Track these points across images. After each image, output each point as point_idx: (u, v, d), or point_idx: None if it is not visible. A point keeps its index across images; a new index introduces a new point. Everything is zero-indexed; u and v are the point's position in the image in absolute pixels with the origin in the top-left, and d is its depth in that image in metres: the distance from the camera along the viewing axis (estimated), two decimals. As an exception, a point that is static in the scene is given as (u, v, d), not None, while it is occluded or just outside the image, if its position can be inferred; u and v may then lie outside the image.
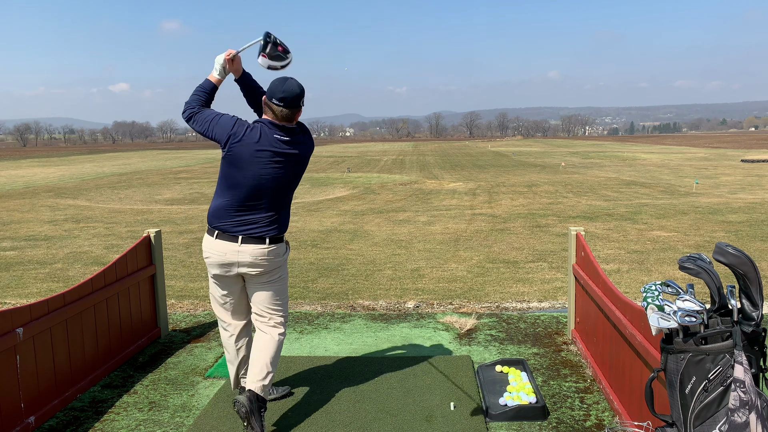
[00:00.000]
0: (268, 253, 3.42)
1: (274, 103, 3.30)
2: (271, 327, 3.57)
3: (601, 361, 3.96)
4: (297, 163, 3.44)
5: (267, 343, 3.53)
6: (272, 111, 3.33)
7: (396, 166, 35.07)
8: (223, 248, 3.38)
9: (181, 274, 7.96)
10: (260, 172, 3.31)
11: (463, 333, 5.08)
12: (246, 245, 3.36)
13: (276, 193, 3.41)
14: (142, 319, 4.85)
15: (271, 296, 3.55)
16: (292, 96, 3.29)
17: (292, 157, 3.40)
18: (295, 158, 3.42)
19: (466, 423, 3.47)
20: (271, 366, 3.49)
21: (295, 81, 3.35)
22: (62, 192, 21.22)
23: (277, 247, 3.47)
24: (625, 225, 11.58)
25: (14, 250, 10.04)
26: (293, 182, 3.49)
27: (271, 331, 3.56)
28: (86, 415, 3.71)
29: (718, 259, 2.23)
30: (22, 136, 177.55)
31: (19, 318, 3.38)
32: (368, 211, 14.67)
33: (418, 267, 8.17)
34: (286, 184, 3.44)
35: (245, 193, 3.34)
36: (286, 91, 3.29)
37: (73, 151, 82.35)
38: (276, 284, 3.56)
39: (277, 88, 3.30)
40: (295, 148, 3.40)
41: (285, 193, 3.47)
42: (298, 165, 3.46)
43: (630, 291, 6.65)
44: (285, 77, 3.39)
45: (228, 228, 3.37)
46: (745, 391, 2.08)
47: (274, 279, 3.54)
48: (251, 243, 3.36)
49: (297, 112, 3.37)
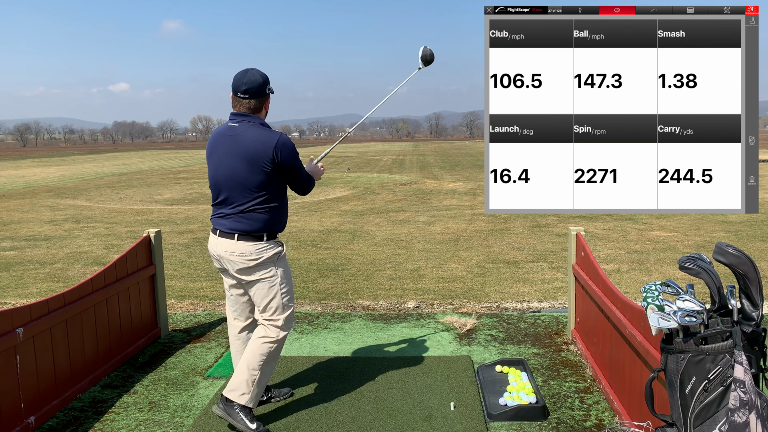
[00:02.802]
0: (238, 250, 3.37)
1: (239, 97, 3.36)
2: (259, 332, 3.50)
3: (601, 361, 3.96)
4: (246, 159, 3.29)
5: (251, 347, 3.46)
6: (240, 104, 3.39)
7: (396, 166, 35.07)
8: (210, 241, 3.52)
9: (181, 274, 7.96)
10: (216, 163, 3.40)
11: (463, 333, 5.08)
12: (221, 239, 3.42)
13: (234, 186, 3.33)
14: (142, 319, 4.85)
15: (258, 297, 3.47)
16: (256, 86, 3.36)
17: (239, 149, 3.30)
18: (242, 150, 3.29)
19: (466, 423, 3.47)
20: (249, 373, 3.39)
21: (256, 70, 3.41)
22: (62, 192, 21.22)
23: (249, 245, 3.35)
24: (625, 225, 11.58)
25: (14, 250, 10.04)
26: (250, 179, 3.31)
27: (259, 335, 3.48)
28: (86, 415, 3.71)
29: (718, 259, 2.23)
30: (22, 136, 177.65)
31: (19, 318, 3.38)
32: (368, 211, 14.67)
33: (418, 267, 8.17)
34: (242, 179, 3.31)
35: (212, 187, 3.46)
36: (249, 83, 3.35)
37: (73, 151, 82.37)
38: (260, 285, 3.43)
39: (240, 80, 3.36)
40: (242, 135, 3.31)
41: (246, 190, 3.33)
42: (248, 161, 3.28)
43: (630, 291, 6.65)
44: (246, 69, 3.43)
45: (213, 221, 3.50)
46: (745, 391, 2.08)
47: (257, 280, 3.42)
48: (223, 237, 3.41)
49: (264, 101, 3.41)
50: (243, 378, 3.40)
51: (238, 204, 3.37)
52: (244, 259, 3.38)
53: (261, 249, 3.38)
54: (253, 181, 3.32)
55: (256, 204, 3.36)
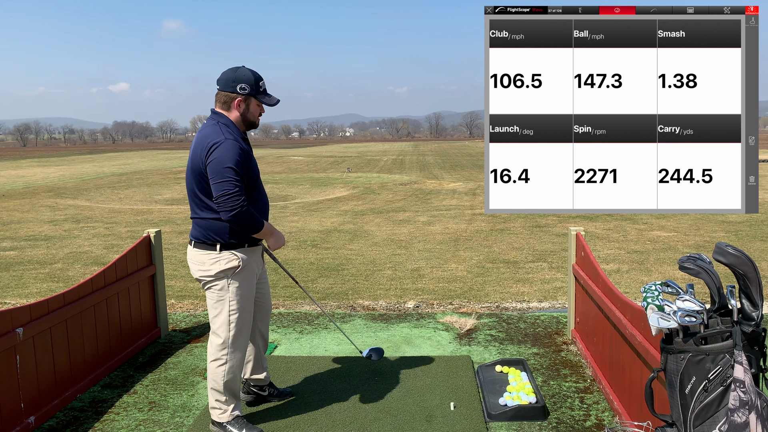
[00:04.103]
0: (191, 257, 3.29)
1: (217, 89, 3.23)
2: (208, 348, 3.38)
3: (601, 361, 3.96)
4: (191, 161, 3.16)
5: (208, 367, 3.36)
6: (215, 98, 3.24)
7: (396, 166, 35.07)
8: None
9: (181, 274, 7.96)
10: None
11: (463, 333, 5.08)
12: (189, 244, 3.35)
13: (188, 189, 3.24)
14: (142, 319, 4.85)
15: (208, 307, 3.33)
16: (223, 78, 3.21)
17: (191, 150, 3.19)
18: (191, 151, 3.18)
19: (466, 423, 3.47)
20: (212, 393, 3.31)
21: (240, 67, 3.25)
22: (62, 192, 21.22)
23: (202, 254, 3.20)
24: (625, 225, 11.58)
25: (14, 250, 10.04)
26: (192, 183, 3.16)
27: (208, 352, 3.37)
28: (86, 415, 3.71)
29: (718, 259, 2.23)
30: (22, 136, 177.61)
31: (19, 318, 3.38)
32: (368, 211, 14.67)
33: (418, 267, 8.17)
34: (189, 182, 3.20)
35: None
36: (222, 74, 3.22)
37: (73, 151, 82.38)
38: (209, 295, 3.29)
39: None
40: (197, 135, 3.20)
41: (193, 194, 3.19)
42: (192, 164, 3.15)
43: (630, 291, 6.66)
44: (236, 67, 3.25)
45: None
46: (745, 391, 2.08)
47: (207, 289, 3.29)
48: (189, 243, 3.33)
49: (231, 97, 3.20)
50: (212, 399, 3.35)
51: (192, 208, 3.25)
52: (196, 267, 3.26)
53: (213, 260, 3.20)
54: (195, 185, 3.16)
55: (204, 210, 3.18)
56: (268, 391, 3.79)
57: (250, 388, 3.76)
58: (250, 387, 3.75)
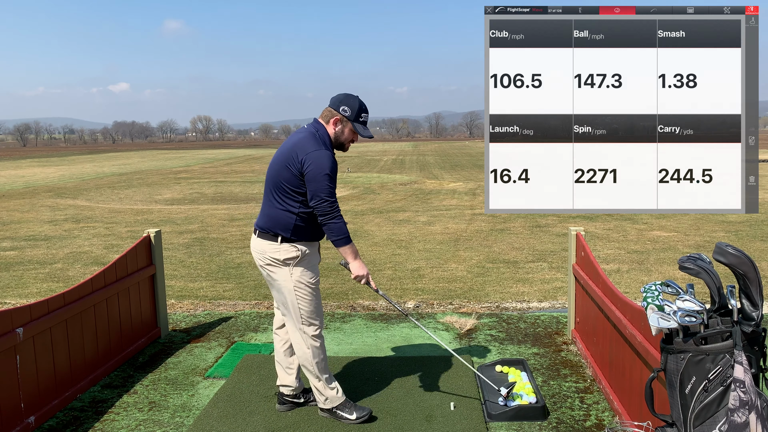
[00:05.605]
0: (254, 246, 3.52)
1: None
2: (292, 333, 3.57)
3: (601, 361, 3.96)
4: (281, 156, 3.46)
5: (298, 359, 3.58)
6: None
7: (396, 166, 35.08)
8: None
9: (181, 274, 7.96)
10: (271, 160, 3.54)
11: (463, 333, 5.08)
12: (253, 234, 3.58)
13: (268, 181, 3.52)
14: (142, 319, 4.85)
15: (276, 296, 3.56)
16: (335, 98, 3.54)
17: (283, 147, 3.48)
18: (283, 148, 3.48)
19: (466, 423, 3.47)
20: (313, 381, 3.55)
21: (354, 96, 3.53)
22: (62, 192, 21.23)
23: (263, 243, 3.45)
24: (625, 225, 11.58)
25: (14, 250, 10.04)
26: (277, 177, 3.44)
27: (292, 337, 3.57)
28: (86, 415, 3.71)
29: (718, 259, 2.23)
30: (22, 136, 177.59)
31: (19, 318, 3.38)
32: (368, 211, 14.67)
33: (418, 267, 8.17)
34: (271, 175, 3.47)
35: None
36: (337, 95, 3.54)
37: (73, 151, 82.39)
38: (275, 286, 3.51)
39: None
40: (293, 136, 3.51)
41: (278, 185, 3.44)
42: (282, 159, 3.44)
43: (630, 291, 6.66)
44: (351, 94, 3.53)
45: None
46: (745, 391, 2.08)
47: (271, 281, 3.51)
48: (254, 233, 3.56)
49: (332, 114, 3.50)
50: (314, 388, 3.56)
51: (269, 200, 3.49)
52: (259, 255, 3.49)
53: (275, 250, 3.44)
54: (282, 180, 3.42)
55: (281, 203, 3.44)
56: (303, 399, 3.76)
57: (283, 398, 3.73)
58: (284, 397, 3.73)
